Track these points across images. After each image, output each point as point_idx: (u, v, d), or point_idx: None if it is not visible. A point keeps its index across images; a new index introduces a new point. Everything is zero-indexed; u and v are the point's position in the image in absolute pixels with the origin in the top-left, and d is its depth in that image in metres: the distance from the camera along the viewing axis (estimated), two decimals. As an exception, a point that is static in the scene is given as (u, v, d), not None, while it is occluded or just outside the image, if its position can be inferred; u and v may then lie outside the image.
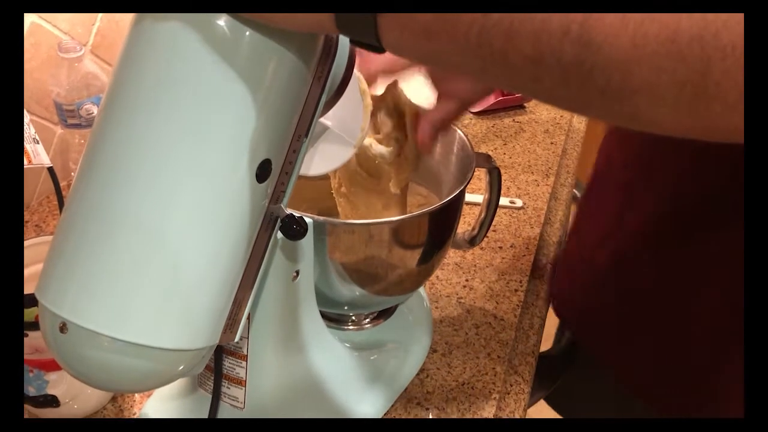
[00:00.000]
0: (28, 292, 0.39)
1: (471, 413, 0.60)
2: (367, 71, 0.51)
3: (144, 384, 0.39)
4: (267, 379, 0.52)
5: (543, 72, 0.30)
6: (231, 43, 0.35)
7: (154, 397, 0.58)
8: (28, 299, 0.39)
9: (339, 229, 0.52)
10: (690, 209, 0.59)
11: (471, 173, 0.55)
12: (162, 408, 0.57)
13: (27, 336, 0.48)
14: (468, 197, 0.76)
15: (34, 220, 0.82)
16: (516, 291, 0.75)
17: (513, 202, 0.89)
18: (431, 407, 0.61)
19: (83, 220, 0.36)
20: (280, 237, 0.43)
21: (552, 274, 0.80)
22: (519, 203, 0.89)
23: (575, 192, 1.01)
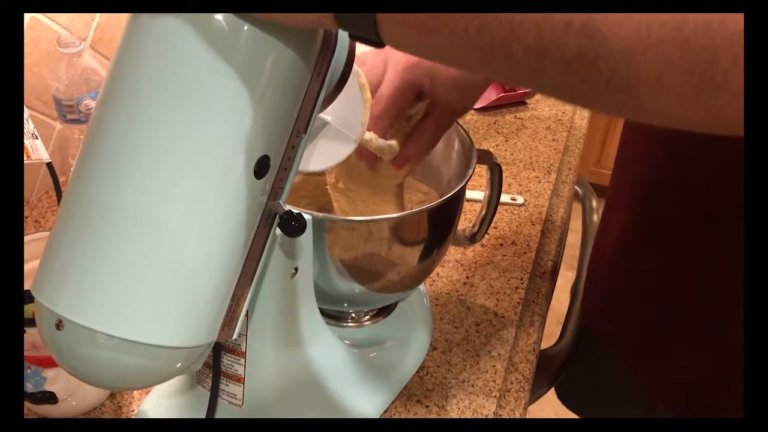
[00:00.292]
0: (26, 287, 0.39)
1: (471, 411, 0.60)
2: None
3: (141, 381, 0.39)
4: (265, 377, 0.51)
5: (545, 64, 0.29)
6: (229, 38, 0.34)
7: (152, 394, 0.58)
8: (26, 295, 0.39)
9: (338, 226, 0.52)
10: (695, 201, 0.59)
11: (471, 170, 0.55)
12: (160, 405, 0.57)
13: (25, 332, 0.48)
14: (468, 194, 0.76)
15: (33, 215, 0.82)
16: (517, 288, 0.75)
17: (514, 199, 0.89)
18: (431, 405, 0.61)
19: (80, 216, 0.36)
20: (278, 233, 0.43)
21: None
22: (520, 200, 0.89)
23: (577, 189, 1.01)
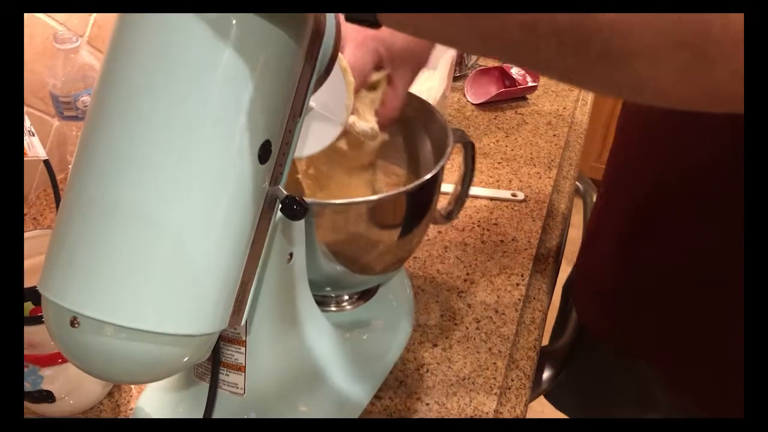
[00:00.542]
0: (26, 285, 0.39)
1: (472, 409, 0.60)
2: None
3: (152, 374, 0.39)
4: (266, 364, 0.52)
5: (540, 40, 0.29)
6: (227, 25, 0.34)
7: (149, 389, 0.58)
8: (24, 293, 0.38)
9: (328, 210, 0.53)
10: (692, 185, 0.59)
11: (450, 148, 0.57)
12: (158, 401, 0.56)
13: (22, 331, 0.48)
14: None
15: (31, 213, 0.81)
16: (517, 285, 0.74)
17: (515, 194, 0.89)
18: (432, 402, 0.60)
19: (86, 209, 0.35)
20: (274, 219, 0.43)
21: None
22: (521, 196, 0.88)
23: (578, 185, 1.00)
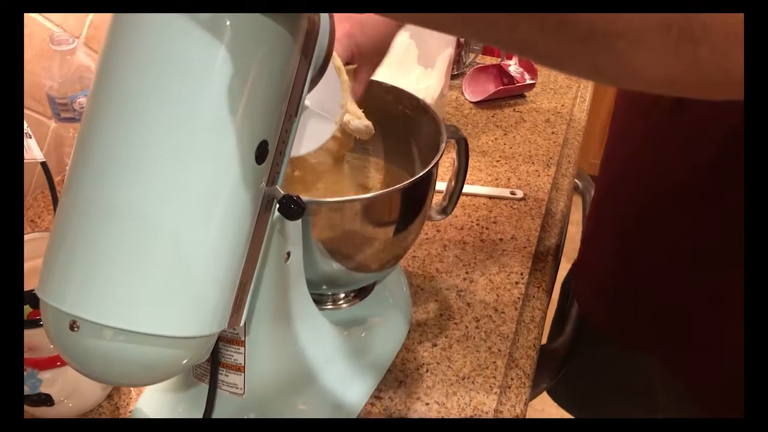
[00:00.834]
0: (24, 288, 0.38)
1: (471, 408, 0.60)
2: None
3: (152, 376, 0.39)
4: (265, 363, 0.52)
5: (521, 20, 0.29)
6: (222, 23, 0.34)
7: (149, 391, 0.58)
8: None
9: (324, 208, 0.53)
10: (694, 179, 0.59)
11: (443, 144, 0.57)
12: (157, 402, 0.56)
13: (20, 334, 0.48)
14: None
15: (29, 215, 0.81)
16: (517, 283, 0.74)
17: (514, 193, 0.88)
18: (431, 402, 0.60)
19: (83, 212, 0.35)
20: (272, 219, 0.43)
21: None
22: (520, 194, 0.88)
23: (577, 182, 1.00)
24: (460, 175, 0.65)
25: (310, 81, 0.42)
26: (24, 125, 0.62)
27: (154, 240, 0.35)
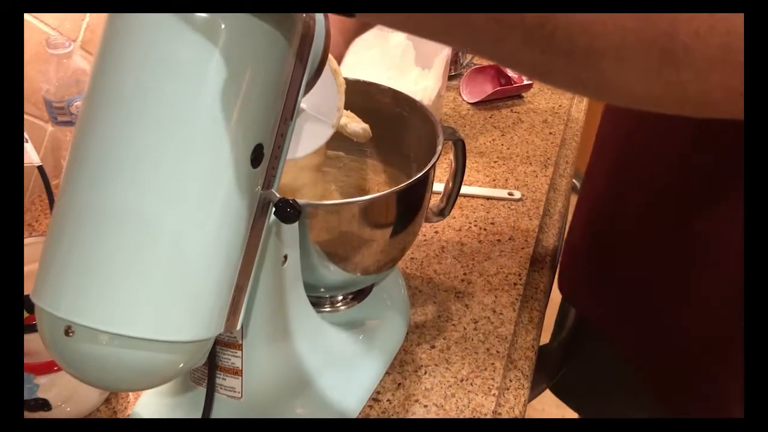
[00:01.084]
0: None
1: (470, 410, 0.60)
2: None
3: (148, 381, 0.39)
4: (263, 366, 0.52)
5: (505, 33, 0.29)
6: (216, 26, 0.34)
7: (146, 395, 0.57)
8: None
9: (321, 211, 0.53)
10: (686, 187, 0.59)
11: (440, 146, 0.57)
12: (155, 406, 0.56)
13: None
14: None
15: (26, 219, 0.81)
16: (515, 285, 0.74)
17: (511, 194, 0.88)
18: (429, 404, 0.60)
19: (77, 216, 0.35)
20: (268, 222, 0.43)
21: (560, 255, 0.81)
22: (517, 195, 0.88)
23: (574, 182, 1.00)
24: (457, 177, 0.65)
25: (305, 84, 0.42)
26: (20, 129, 0.62)
27: (148, 244, 0.35)
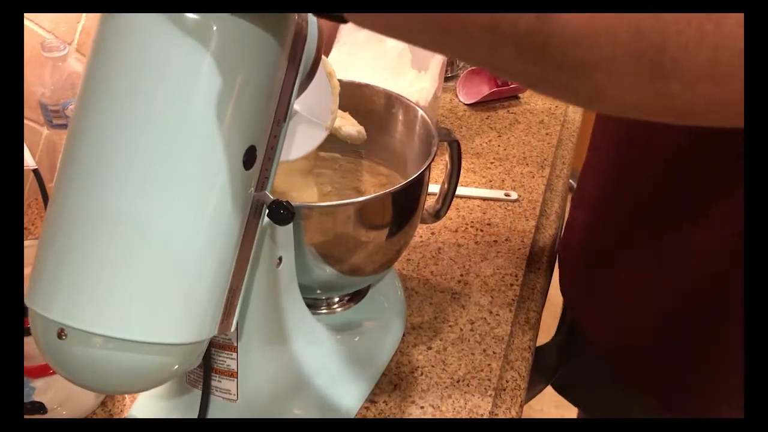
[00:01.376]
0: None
1: (467, 411, 0.60)
2: None
3: (143, 383, 0.39)
4: (258, 368, 0.52)
5: (499, 43, 0.29)
6: (208, 28, 0.34)
7: (142, 397, 0.57)
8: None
9: (316, 212, 0.53)
10: (684, 187, 0.59)
11: (435, 148, 0.57)
12: (150, 409, 0.56)
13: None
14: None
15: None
16: (512, 285, 0.74)
17: (508, 194, 0.88)
18: (426, 405, 0.60)
19: (70, 219, 0.35)
20: (262, 224, 0.43)
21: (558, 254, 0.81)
22: (514, 196, 0.88)
23: (571, 183, 1.00)
24: (452, 178, 0.65)
25: (299, 86, 0.42)
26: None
27: (141, 246, 0.35)
